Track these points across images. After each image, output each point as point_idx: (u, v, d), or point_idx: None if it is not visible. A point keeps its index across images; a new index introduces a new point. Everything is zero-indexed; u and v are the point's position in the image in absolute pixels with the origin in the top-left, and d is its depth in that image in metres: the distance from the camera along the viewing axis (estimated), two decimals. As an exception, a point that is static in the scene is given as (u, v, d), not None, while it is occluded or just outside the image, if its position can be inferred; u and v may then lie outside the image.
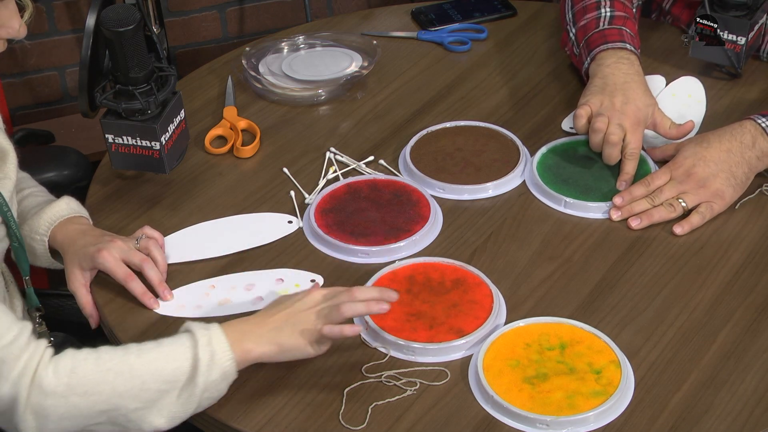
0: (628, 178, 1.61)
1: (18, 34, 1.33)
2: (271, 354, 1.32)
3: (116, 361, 1.27)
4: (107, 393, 1.26)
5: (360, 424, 1.31)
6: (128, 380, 1.26)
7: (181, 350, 1.28)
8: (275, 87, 1.88)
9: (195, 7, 2.90)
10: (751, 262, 1.51)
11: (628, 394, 1.32)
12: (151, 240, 1.52)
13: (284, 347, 1.31)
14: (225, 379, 1.30)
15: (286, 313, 1.33)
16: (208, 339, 1.29)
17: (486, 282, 1.46)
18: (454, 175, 1.66)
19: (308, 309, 1.32)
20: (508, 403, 1.30)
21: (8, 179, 1.44)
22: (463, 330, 1.39)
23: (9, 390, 1.25)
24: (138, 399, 1.27)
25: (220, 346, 1.29)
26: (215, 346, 1.29)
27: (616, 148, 1.62)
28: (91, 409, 1.26)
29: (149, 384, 1.27)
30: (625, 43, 1.74)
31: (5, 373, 1.24)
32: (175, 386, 1.27)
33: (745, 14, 1.73)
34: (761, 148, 1.59)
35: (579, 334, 1.39)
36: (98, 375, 1.26)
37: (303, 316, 1.32)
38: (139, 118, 1.52)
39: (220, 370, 1.29)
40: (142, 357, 1.28)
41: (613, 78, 1.68)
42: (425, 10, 2.09)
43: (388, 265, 1.50)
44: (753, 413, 1.30)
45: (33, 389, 1.25)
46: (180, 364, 1.28)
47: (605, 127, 1.63)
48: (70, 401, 1.25)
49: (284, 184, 1.69)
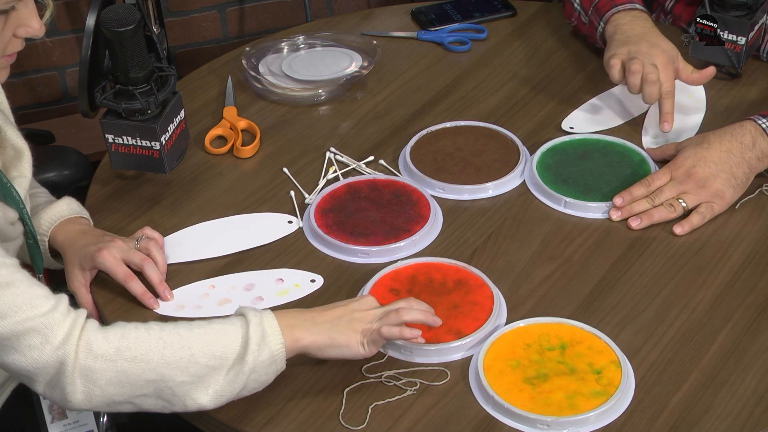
0: (670, 117, 1.67)
1: (37, 33, 1.33)
2: (321, 344, 1.32)
3: (167, 331, 1.28)
4: (156, 361, 1.26)
5: (360, 424, 1.31)
6: (177, 351, 1.26)
7: (232, 329, 1.29)
8: (275, 87, 1.88)
9: (195, 7, 2.90)
10: (751, 262, 1.51)
11: (629, 394, 1.32)
12: (152, 241, 1.52)
13: (336, 341, 1.32)
14: (273, 363, 1.30)
15: (342, 310, 1.34)
16: (260, 320, 1.30)
17: (488, 283, 1.46)
18: (454, 175, 1.66)
19: (365, 309, 1.34)
20: (509, 403, 1.30)
21: (24, 177, 1.45)
22: (462, 331, 1.39)
23: (56, 354, 1.25)
24: (186, 372, 1.27)
25: (271, 329, 1.29)
26: (267, 328, 1.29)
27: (656, 86, 1.67)
28: (138, 377, 1.26)
29: (198, 357, 1.27)
30: (634, 4, 1.81)
31: (50, 338, 1.25)
32: (224, 363, 1.27)
33: (745, 14, 1.73)
34: (761, 149, 1.59)
35: (579, 335, 1.39)
36: (148, 342, 1.27)
37: (360, 315, 1.33)
38: (139, 118, 1.52)
39: (269, 351, 1.29)
40: (193, 331, 1.28)
41: (633, 31, 1.76)
42: (425, 10, 2.09)
43: (390, 265, 1.50)
44: (753, 413, 1.30)
45: (81, 351, 1.25)
46: (231, 341, 1.28)
47: (641, 68, 1.68)
48: (118, 366, 1.26)
49: (284, 184, 1.69)
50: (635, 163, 1.67)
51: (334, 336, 1.32)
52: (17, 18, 1.30)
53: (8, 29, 1.30)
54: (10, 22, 1.30)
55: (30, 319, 1.24)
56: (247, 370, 1.28)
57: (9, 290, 1.24)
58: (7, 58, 1.33)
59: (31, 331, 1.24)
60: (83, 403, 1.27)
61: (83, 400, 1.27)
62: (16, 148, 1.46)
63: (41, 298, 1.26)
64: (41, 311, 1.25)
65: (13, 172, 1.43)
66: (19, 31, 1.31)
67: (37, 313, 1.24)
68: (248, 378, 1.28)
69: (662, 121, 1.68)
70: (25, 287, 1.25)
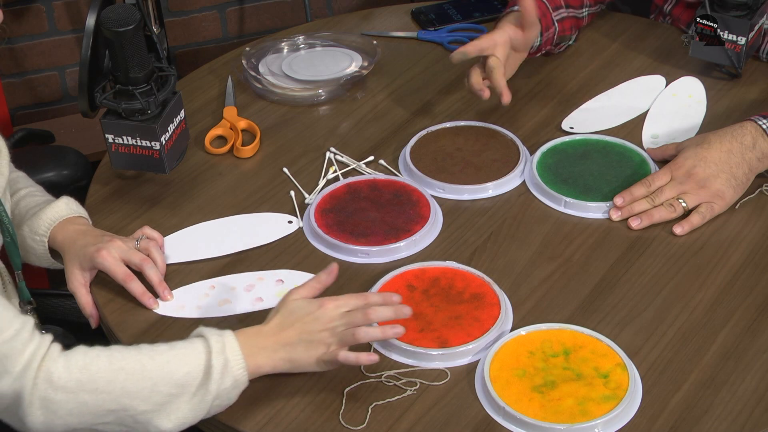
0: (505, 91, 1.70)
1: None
2: (282, 369, 1.32)
3: (129, 360, 1.27)
4: (117, 393, 1.25)
5: (360, 424, 1.31)
6: (139, 381, 1.26)
7: (194, 354, 1.28)
8: (275, 87, 1.88)
9: (195, 7, 2.90)
10: (751, 262, 1.51)
11: (638, 395, 1.32)
12: (152, 241, 1.52)
13: (296, 363, 1.32)
14: (236, 387, 1.30)
15: (300, 329, 1.31)
16: (222, 346, 1.29)
17: (500, 303, 1.43)
18: (454, 175, 1.66)
19: (323, 328, 1.31)
20: (521, 414, 1.28)
21: (1, 175, 1.45)
22: (447, 342, 1.38)
23: (12, 384, 1.24)
24: (148, 401, 1.26)
25: (233, 355, 1.29)
26: (229, 354, 1.28)
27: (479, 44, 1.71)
28: (99, 407, 1.26)
29: (160, 387, 1.26)
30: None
31: (9, 368, 1.23)
32: (186, 390, 1.27)
33: (745, 14, 1.73)
34: (762, 150, 1.59)
35: (581, 339, 1.38)
36: (110, 374, 1.26)
37: (317, 336, 1.31)
38: (139, 118, 1.52)
39: (232, 378, 1.28)
40: (155, 359, 1.27)
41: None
42: (425, 10, 2.09)
43: (419, 262, 1.50)
44: (753, 413, 1.30)
45: (40, 382, 1.24)
46: (192, 369, 1.27)
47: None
48: (79, 398, 1.25)
49: (284, 184, 1.69)
50: (635, 163, 1.67)
51: (294, 358, 1.31)
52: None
53: None
54: None
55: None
56: (209, 399, 1.28)
57: None
58: None
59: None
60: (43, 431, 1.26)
61: (43, 429, 1.26)
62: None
63: (4, 322, 1.25)
64: (3, 338, 1.24)
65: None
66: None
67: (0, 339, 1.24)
68: (211, 405, 1.29)
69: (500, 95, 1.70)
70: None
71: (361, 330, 1.31)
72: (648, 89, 1.85)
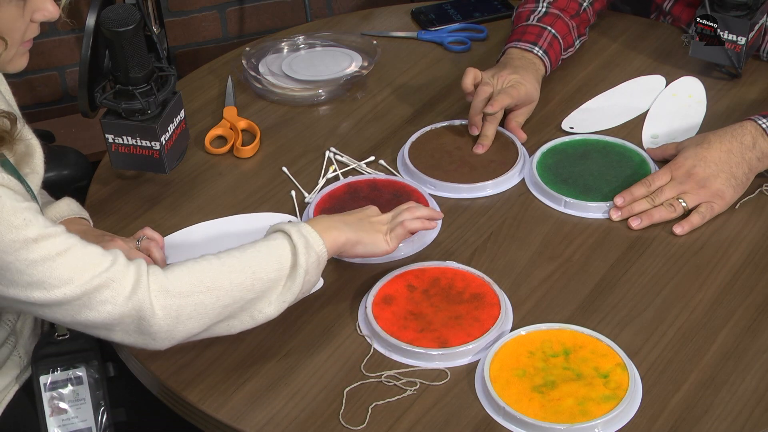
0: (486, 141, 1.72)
1: (53, 15, 1.35)
2: (353, 241, 1.42)
3: (225, 258, 1.34)
4: (227, 287, 1.32)
5: (360, 424, 1.31)
6: (242, 272, 1.33)
7: (278, 243, 1.36)
8: (275, 87, 1.88)
9: (195, 7, 2.90)
10: (751, 262, 1.51)
11: (638, 395, 1.32)
12: (152, 241, 1.52)
13: (364, 239, 1.43)
14: (320, 263, 1.38)
15: (360, 215, 1.46)
16: (298, 230, 1.37)
17: (500, 303, 1.44)
18: (448, 173, 1.66)
19: (377, 216, 1.47)
20: (522, 413, 1.28)
21: (36, 174, 1.46)
22: (447, 342, 1.39)
23: (130, 303, 1.28)
24: (252, 290, 1.33)
25: (310, 234, 1.37)
26: (306, 235, 1.37)
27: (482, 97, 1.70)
28: (215, 304, 1.32)
29: (260, 274, 1.33)
30: (534, 46, 1.80)
31: (120, 290, 1.28)
32: (282, 274, 1.35)
33: (746, 14, 1.73)
34: (761, 149, 1.59)
35: (581, 339, 1.38)
36: (214, 272, 1.32)
37: (375, 219, 1.46)
38: (139, 118, 1.52)
39: (315, 254, 1.37)
40: (246, 252, 1.35)
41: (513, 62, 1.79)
42: (425, 10, 2.09)
43: (419, 262, 1.50)
44: (753, 413, 1.30)
45: (156, 293, 1.29)
46: (282, 252, 1.35)
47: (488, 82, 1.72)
48: (196, 299, 1.30)
49: (284, 184, 1.69)
50: (635, 163, 1.67)
51: (362, 235, 1.43)
52: (33, 3, 1.32)
53: (26, 15, 1.32)
54: (27, 8, 1.32)
55: (96, 276, 1.27)
56: (302, 273, 1.35)
57: (68, 255, 1.27)
58: (25, 44, 1.35)
59: (100, 287, 1.27)
60: (166, 342, 1.32)
61: (166, 339, 1.31)
62: (29, 145, 1.47)
63: (99, 256, 1.29)
64: (104, 267, 1.28)
65: (25, 168, 1.44)
66: (36, 15, 1.34)
67: (101, 269, 1.27)
68: (304, 280, 1.36)
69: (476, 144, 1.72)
70: (81, 249, 1.28)
71: (408, 221, 1.47)
72: (648, 89, 1.85)
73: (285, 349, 1.41)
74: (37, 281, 1.25)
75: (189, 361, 1.40)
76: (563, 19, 1.84)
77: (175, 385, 1.37)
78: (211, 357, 1.40)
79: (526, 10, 1.87)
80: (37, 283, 1.25)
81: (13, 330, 1.51)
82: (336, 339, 1.42)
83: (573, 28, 1.86)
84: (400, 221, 1.46)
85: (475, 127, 1.72)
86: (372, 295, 1.45)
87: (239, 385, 1.36)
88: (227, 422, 1.32)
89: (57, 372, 1.46)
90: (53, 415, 1.45)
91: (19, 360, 1.52)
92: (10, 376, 1.51)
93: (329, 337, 1.42)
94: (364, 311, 1.44)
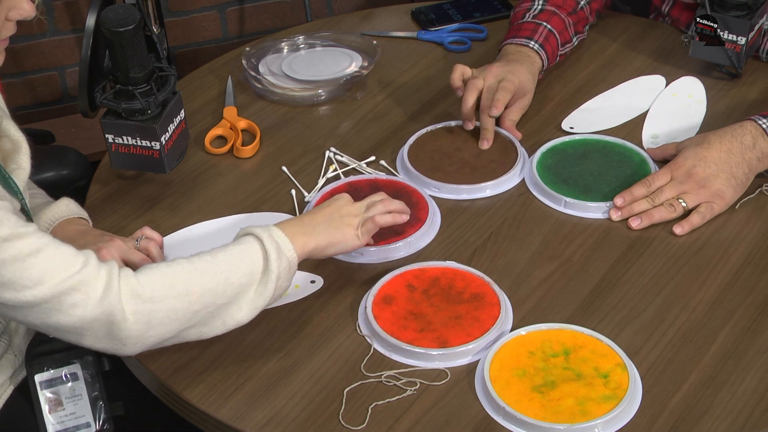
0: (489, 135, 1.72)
1: (29, 14, 1.34)
2: (322, 245, 1.41)
3: (197, 262, 1.33)
4: (198, 291, 1.31)
5: (360, 424, 1.31)
6: (213, 277, 1.32)
7: (249, 246, 1.35)
8: (275, 87, 1.88)
9: (195, 7, 2.90)
10: (751, 262, 1.51)
11: (638, 395, 1.32)
12: (151, 241, 1.52)
13: (334, 239, 1.42)
14: (290, 269, 1.37)
15: (329, 210, 1.45)
16: (269, 234, 1.36)
17: (500, 303, 1.44)
18: (449, 175, 1.66)
19: (347, 209, 1.45)
20: (521, 413, 1.28)
21: (22, 169, 1.45)
22: (447, 342, 1.39)
23: (100, 307, 1.27)
24: (224, 295, 1.33)
25: (281, 240, 1.37)
26: (277, 240, 1.37)
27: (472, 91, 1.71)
28: (186, 310, 1.31)
29: (231, 279, 1.33)
30: (530, 40, 1.80)
31: (91, 294, 1.27)
32: (254, 278, 1.34)
33: (745, 14, 1.73)
34: (762, 149, 1.59)
35: (581, 339, 1.38)
36: (187, 276, 1.32)
37: (346, 210, 1.45)
38: (139, 118, 1.52)
39: (286, 259, 1.36)
40: (218, 256, 1.34)
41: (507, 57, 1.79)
42: (425, 10, 2.09)
43: (419, 262, 1.50)
44: (753, 413, 1.30)
45: (127, 297, 1.28)
46: (253, 257, 1.35)
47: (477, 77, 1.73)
48: (168, 304, 1.30)
49: (284, 184, 1.69)
50: (635, 163, 1.67)
51: (332, 234, 1.42)
52: (8, 2, 1.31)
53: (1, 14, 1.31)
54: (2, 6, 1.31)
55: (68, 278, 1.26)
56: (274, 278, 1.34)
57: (40, 256, 1.26)
58: (1, 42, 1.35)
59: (70, 290, 1.26)
60: (137, 347, 1.31)
61: (137, 344, 1.31)
62: (14, 141, 1.46)
63: (71, 257, 1.28)
64: (76, 269, 1.27)
65: (11, 164, 1.44)
66: (12, 14, 1.32)
67: (73, 271, 1.27)
68: (276, 285, 1.35)
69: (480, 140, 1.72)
70: (53, 250, 1.28)
71: (378, 215, 1.46)
72: (648, 89, 1.85)
73: (285, 349, 1.41)
74: (7, 281, 1.24)
75: (189, 361, 1.40)
76: (559, 15, 1.85)
77: (174, 384, 1.37)
78: (211, 357, 1.40)
79: (522, 9, 1.88)
80: (7, 283, 1.24)
81: (6, 329, 1.51)
82: (336, 339, 1.42)
83: (570, 25, 1.87)
84: (371, 216, 1.46)
85: (469, 122, 1.72)
86: (372, 295, 1.45)
87: (239, 385, 1.36)
88: (227, 422, 1.32)
89: (52, 370, 1.46)
90: (51, 413, 1.45)
91: (13, 359, 1.52)
92: (5, 375, 1.51)
93: (329, 337, 1.42)
94: (364, 311, 1.44)
